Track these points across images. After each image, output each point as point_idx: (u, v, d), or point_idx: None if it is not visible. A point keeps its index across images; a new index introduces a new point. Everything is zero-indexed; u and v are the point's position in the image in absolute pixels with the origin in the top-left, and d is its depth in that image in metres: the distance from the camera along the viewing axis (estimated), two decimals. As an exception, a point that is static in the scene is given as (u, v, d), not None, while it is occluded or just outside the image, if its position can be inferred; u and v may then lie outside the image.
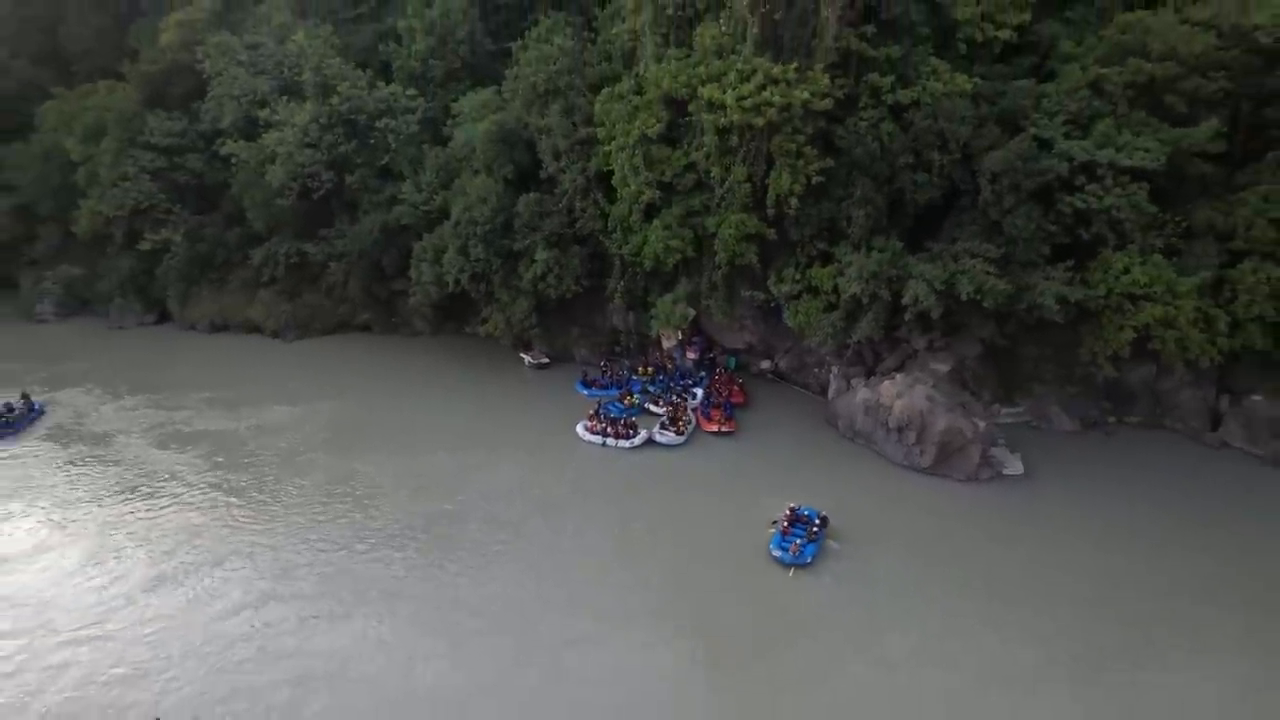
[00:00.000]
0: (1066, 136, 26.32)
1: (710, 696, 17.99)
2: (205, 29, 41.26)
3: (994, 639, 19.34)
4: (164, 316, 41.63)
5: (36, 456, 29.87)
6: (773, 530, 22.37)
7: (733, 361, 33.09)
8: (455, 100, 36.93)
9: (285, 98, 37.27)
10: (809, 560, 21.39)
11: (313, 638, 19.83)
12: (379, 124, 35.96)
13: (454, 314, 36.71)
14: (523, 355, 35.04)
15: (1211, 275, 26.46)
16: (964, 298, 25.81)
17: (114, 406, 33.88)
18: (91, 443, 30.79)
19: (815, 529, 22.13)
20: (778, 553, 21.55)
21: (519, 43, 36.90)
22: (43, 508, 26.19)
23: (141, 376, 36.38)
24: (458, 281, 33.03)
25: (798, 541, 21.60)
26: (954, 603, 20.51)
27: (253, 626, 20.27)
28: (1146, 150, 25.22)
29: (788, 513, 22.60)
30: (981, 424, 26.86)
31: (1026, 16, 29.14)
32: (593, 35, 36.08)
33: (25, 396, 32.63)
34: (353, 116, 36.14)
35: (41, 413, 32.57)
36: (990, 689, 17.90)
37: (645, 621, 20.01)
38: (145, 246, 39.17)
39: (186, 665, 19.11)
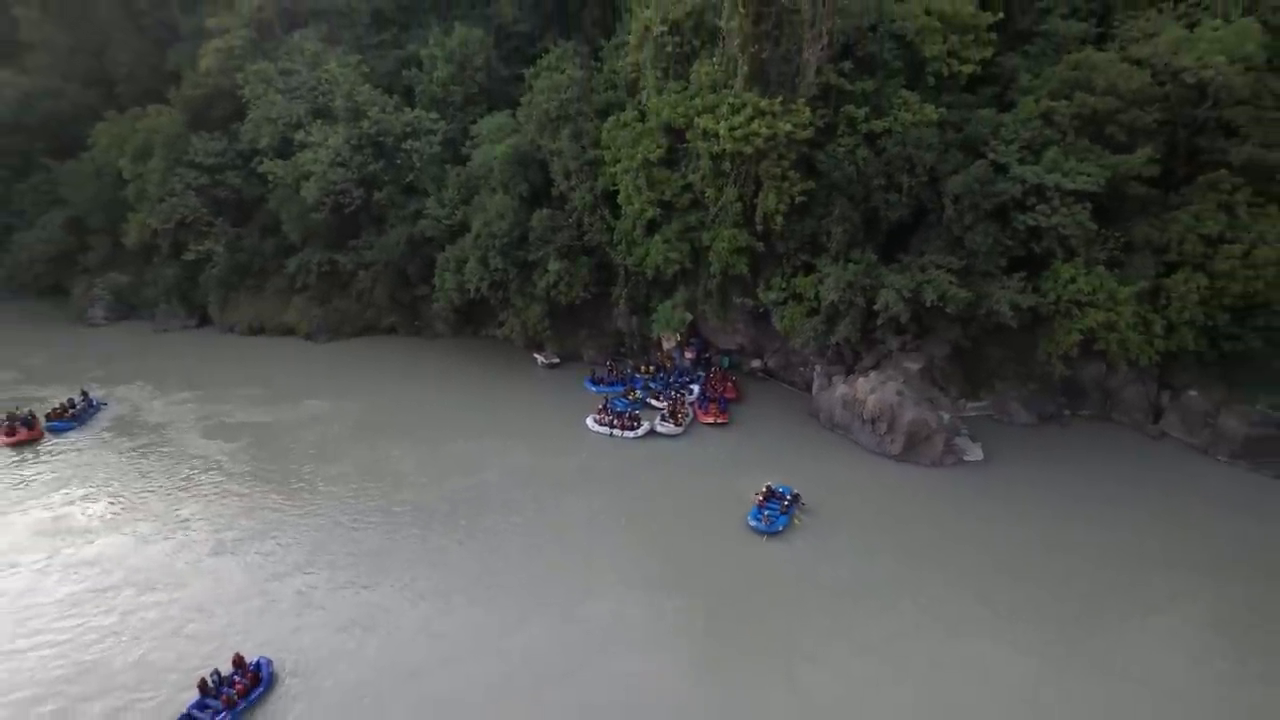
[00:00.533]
0: (1020, 162, 29.52)
1: (692, 635, 21.27)
2: (242, 56, 44.49)
3: (948, 595, 22.45)
4: (205, 320, 44.46)
5: (103, 445, 32.96)
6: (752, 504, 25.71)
7: (726, 361, 36.29)
8: (474, 123, 40.05)
9: (318, 120, 40.43)
10: (780, 529, 24.72)
11: (350, 595, 22.95)
12: (404, 145, 39.17)
13: (472, 318, 39.88)
14: (535, 356, 38.25)
15: (1148, 284, 29.65)
16: (929, 304, 29.06)
17: (164, 401, 36.89)
18: (148, 433, 33.91)
19: (787, 503, 25.42)
20: (753, 523, 24.88)
21: (532, 70, 40.34)
22: (113, 489, 29.34)
23: (187, 375, 39.34)
24: (478, 289, 36.30)
25: (768, 514, 24.92)
26: (912, 567, 23.60)
27: (299, 588, 23.34)
28: (1088, 175, 28.39)
29: (764, 490, 25.85)
30: (946, 416, 30.11)
31: (989, 52, 32.46)
32: (598, 65, 39.47)
33: (85, 393, 35.64)
34: (380, 138, 39.35)
35: (100, 407, 35.55)
36: (939, 634, 20.97)
37: (642, 580, 23.27)
38: (189, 256, 42.26)
39: (248, 614, 22.34)
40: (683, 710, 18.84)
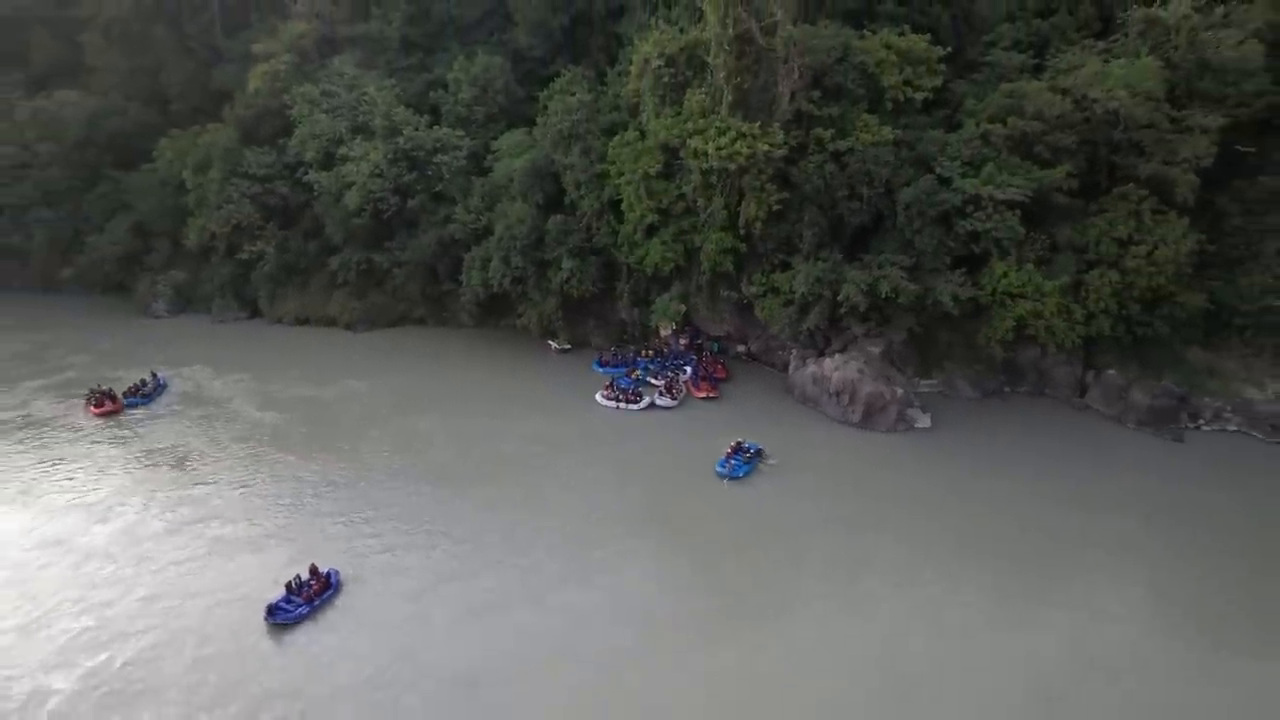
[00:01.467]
0: (962, 175, 34.45)
1: (666, 554, 26.40)
2: (286, 79, 49.61)
3: (894, 533, 27.01)
4: (255, 313, 49.47)
5: (174, 415, 38.07)
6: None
7: (716, 346, 41.34)
8: (495, 139, 45.18)
9: (358, 137, 45.59)
10: (740, 476, 30.10)
11: (392, 529, 27.93)
12: (434, 159, 44.21)
13: (493, 310, 44.81)
14: (550, 342, 43.30)
15: (1070, 279, 34.52)
16: (884, 296, 34.16)
17: (221, 381, 41.84)
18: (210, 405, 39.01)
19: (750, 455, 30.66)
20: (719, 470, 30.22)
21: (545, 92, 45.51)
22: (187, 448, 34.46)
23: (241, 360, 44.25)
24: (500, 284, 41.45)
25: (732, 463, 30.17)
26: (863, 510, 28.39)
27: (351, 523, 28.35)
28: (1017, 186, 33.31)
29: (734, 444, 31.10)
30: (899, 390, 35.21)
31: (939, 81, 37.45)
32: (603, 89, 44.59)
33: (154, 374, 40.69)
34: (413, 153, 44.34)
35: (166, 386, 40.62)
36: (882, 562, 25.86)
37: (633, 514, 28.48)
38: (242, 256, 47.39)
39: (313, 540, 27.33)
40: (648, 597, 24.31)
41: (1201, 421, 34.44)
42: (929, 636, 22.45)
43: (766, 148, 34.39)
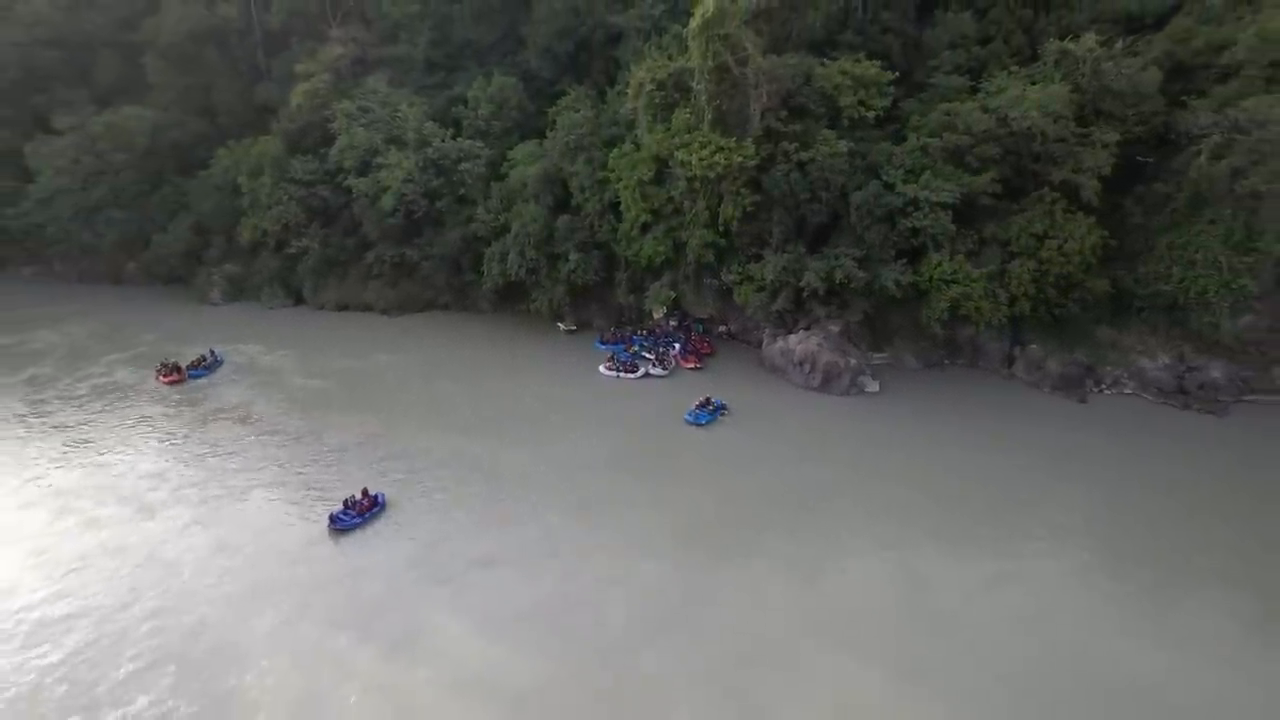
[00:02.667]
0: (904, 181, 40.51)
1: (645, 480, 32.51)
2: (325, 96, 55.84)
3: (838, 471, 33.35)
4: (300, 300, 55.14)
5: (231, 383, 43.77)
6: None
7: (700, 326, 47.20)
8: (510, 149, 51.20)
9: (391, 147, 51.83)
10: (703, 423, 36.78)
11: (424, 466, 33.90)
12: (458, 167, 50.24)
13: (509, 297, 50.54)
14: (558, 324, 49.30)
15: (996, 268, 40.41)
16: (839, 282, 40.48)
17: (272, 357, 47.27)
18: (263, 375, 44.81)
19: (713, 408, 37.30)
20: (687, 418, 36.91)
21: (553, 109, 51.77)
22: (247, 410, 40.21)
23: (288, 339, 49.79)
24: (516, 274, 47.68)
25: (697, 412, 36.83)
26: (813, 456, 34.27)
27: (391, 460, 34.53)
28: (949, 190, 39.66)
29: (702, 400, 37.64)
30: (854, 361, 41.44)
31: (887, 102, 43.33)
32: (604, 106, 50.83)
33: (212, 351, 46.31)
34: (440, 161, 50.35)
35: (223, 361, 46.27)
36: (827, 492, 32.38)
37: (621, 454, 34.54)
38: (290, 250, 53.56)
39: (364, 473, 33.09)
40: (628, 508, 30.59)
41: (1103, 386, 40.70)
42: (850, 536, 28.83)
43: (741, 159, 40.62)
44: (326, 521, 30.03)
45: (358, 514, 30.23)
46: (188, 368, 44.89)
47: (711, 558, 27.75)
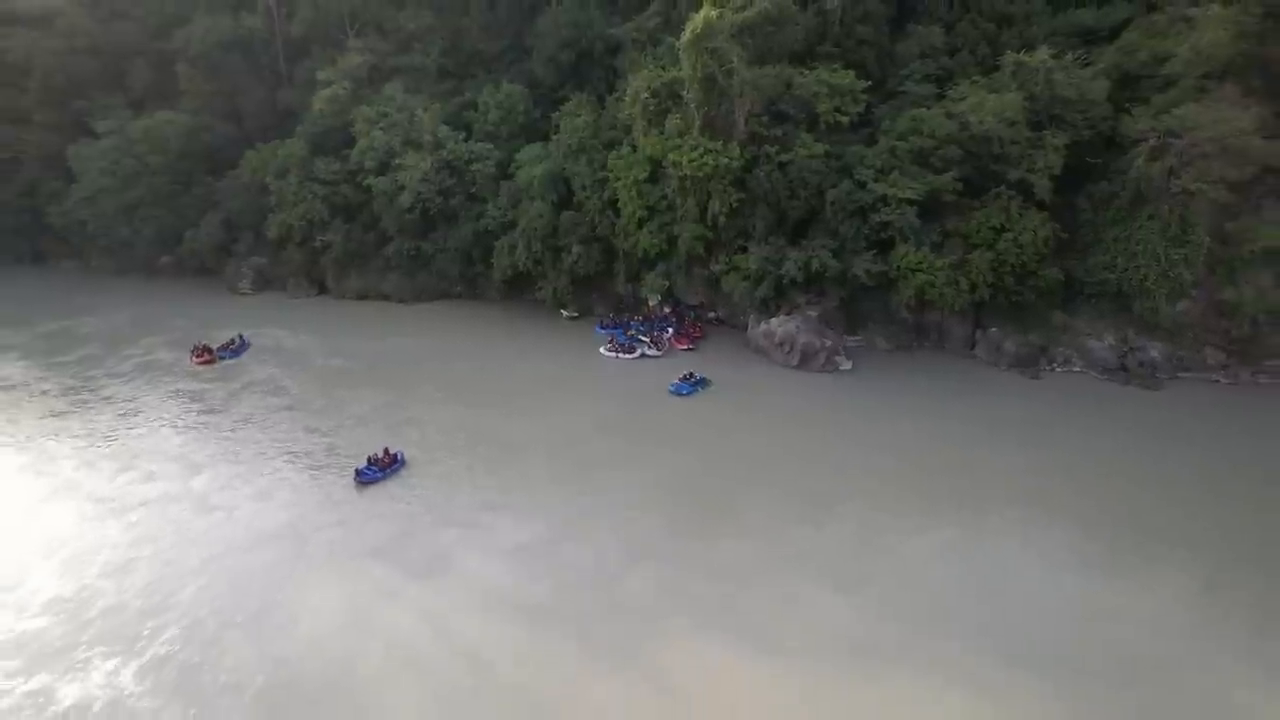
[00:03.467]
0: (875, 180, 44.61)
1: (633, 440, 36.64)
2: (346, 102, 59.89)
3: (810, 433, 37.69)
4: (323, 290, 59.15)
5: (259, 363, 47.70)
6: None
7: (693, 313, 51.58)
8: (517, 152, 55.23)
9: (408, 149, 55.96)
10: (685, 393, 41.01)
11: (435, 431, 37.89)
12: (470, 167, 54.30)
13: (516, 286, 54.60)
14: (561, 311, 53.40)
15: (957, 258, 44.52)
16: (815, 271, 44.59)
17: (296, 340, 51.20)
18: (289, 355, 48.81)
19: (695, 380, 41.46)
20: (670, 389, 41.10)
21: (557, 114, 55.90)
22: (275, 384, 44.33)
23: (311, 325, 53.75)
24: (523, 265, 51.89)
25: (679, 384, 40.93)
26: (787, 421, 38.53)
27: (408, 424, 38.60)
28: (914, 189, 43.75)
29: (685, 374, 41.85)
30: (829, 341, 45.45)
31: (861, 108, 47.28)
32: (603, 111, 54.90)
33: (240, 335, 50.42)
34: (453, 162, 54.59)
35: (249, 344, 50.21)
36: (799, 456, 36.42)
37: (613, 419, 38.75)
38: (314, 244, 57.75)
39: (386, 436, 37.00)
40: (618, 461, 34.77)
41: (1054, 365, 44.73)
42: (816, 479, 32.95)
43: (727, 160, 44.70)
44: (353, 475, 34.12)
45: (380, 468, 34.33)
46: (218, 350, 49.01)
47: (688, 503, 31.85)
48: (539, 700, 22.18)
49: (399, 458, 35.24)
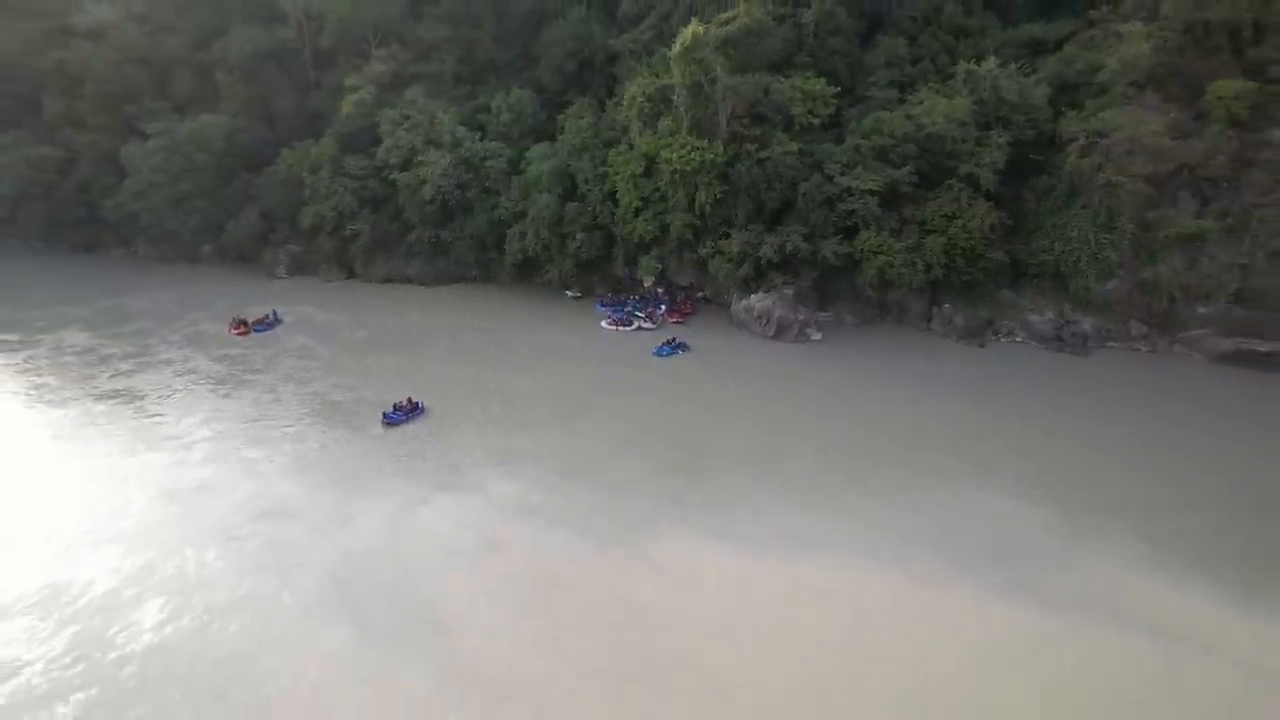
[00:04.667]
0: (841, 174, 50.62)
1: (614, 394, 42.57)
2: (371, 105, 65.80)
3: (780, 392, 43.69)
4: (352, 275, 64.60)
5: (291, 335, 52.91)
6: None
7: (683, 293, 57.73)
8: (527, 150, 61.14)
9: (429, 147, 61.84)
10: (665, 355, 47.19)
11: (451, 386, 43.75)
12: (485, 164, 59.99)
13: (526, 270, 60.08)
14: (566, 292, 59.34)
15: (914, 242, 50.28)
16: (789, 253, 50.46)
17: (326, 317, 56.54)
18: (318, 329, 54.05)
19: (675, 343, 47.55)
20: (653, 352, 47.14)
21: (562, 116, 61.86)
22: (308, 353, 50.12)
23: (340, 304, 59.23)
24: (533, 250, 57.82)
25: (660, 346, 47.06)
26: (756, 381, 44.43)
27: (427, 381, 44.47)
28: (875, 181, 49.68)
29: (668, 339, 47.88)
30: (801, 316, 51.42)
31: (831, 110, 53.09)
32: (604, 114, 60.88)
33: (274, 312, 56.11)
34: (470, 159, 60.55)
35: (283, 320, 56.02)
36: (770, 412, 42.37)
37: (609, 377, 44.79)
38: (344, 233, 63.78)
39: (407, 389, 43.02)
40: (609, 408, 40.58)
41: (1000, 336, 50.65)
42: (780, 435, 38.87)
43: (712, 156, 50.64)
44: (380, 418, 40.09)
45: (404, 413, 40.31)
46: (253, 323, 54.95)
47: (664, 439, 37.94)
48: (559, 577, 28.04)
49: (419, 405, 41.18)
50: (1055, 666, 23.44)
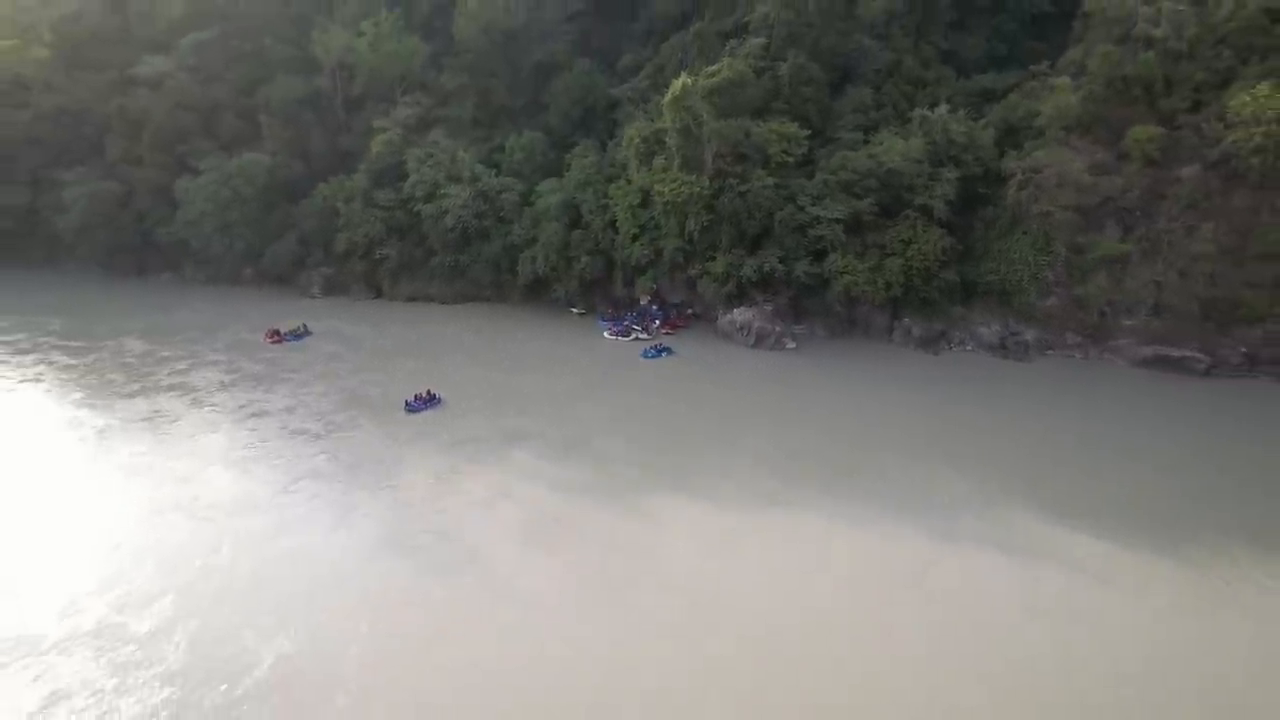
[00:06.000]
0: (812, 204, 57.80)
1: (611, 391, 48.88)
2: (398, 145, 73.50)
3: (757, 395, 49.97)
4: (380, 294, 71.72)
5: (321, 343, 59.29)
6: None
7: (675, 309, 64.35)
8: (537, 185, 68.49)
9: (451, 182, 69.26)
10: (651, 358, 53.48)
11: (466, 384, 49.97)
12: (500, 197, 67.24)
13: (535, 290, 67.04)
14: (571, 309, 66.03)
15: (876, 263, 57.02)
16: (767, 274, 57.25)
17: (354, 329, 62.51)
18: (346, 340, 59.79)
19: (659, 347, 53.94)
20: (641, 356, 53.35)
21: (568, 156, 69.42)
22: (339, 359, 56.13)
23: (369, 320, 65.62)
24: (542, 273, 64.70)
25: (647, 349, 53.37)
26: (732, 380, 50.87)
27: (445, 378, 50.80)
28: (842, 211, 56.71)
29: (655, 344, 54.20)
30: (778, 328, 57.96)
31: (804, 150, 60.26)
32: (605, 153, 68.41)
33: (304, 325, 62.78)
34: (486, 193, 67.87)
35: (313, 332, 62.47)
36: (737, 407, 48.59)
37: (606, 377, 51.05)
38: (374, 257, 71.00)
39: (426, 384, 50.09)
40: (602, 403, 46.72)
41: (952, 345, 57.11)
42: (756, 430, 45.06)
43: (700, 189, 57.74)
44: (403, 406, 46.33)
45: (423, 402, 46.57)
46: (285, 333, 61.47)
47: (642, 410, 44.56)
48: (575, 523, 33.94)
49: (437, 396, 47.47)
50: (957, 583, 29.37)
